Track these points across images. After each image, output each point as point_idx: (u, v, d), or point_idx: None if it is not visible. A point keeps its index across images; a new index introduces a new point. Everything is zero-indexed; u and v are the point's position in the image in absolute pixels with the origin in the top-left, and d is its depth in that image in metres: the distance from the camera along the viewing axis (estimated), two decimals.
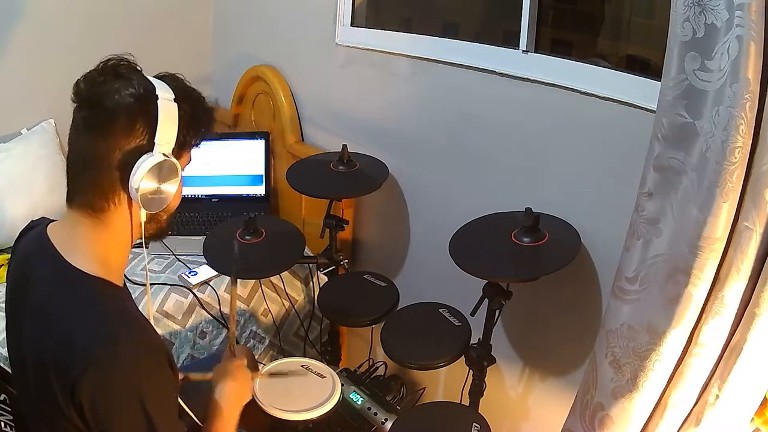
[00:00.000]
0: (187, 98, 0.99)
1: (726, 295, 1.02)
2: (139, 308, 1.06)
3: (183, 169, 1.03)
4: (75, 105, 0.94)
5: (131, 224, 0.99)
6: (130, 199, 0.96)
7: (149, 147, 0.93)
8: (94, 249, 0.96)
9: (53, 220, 1.04)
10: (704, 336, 1.06)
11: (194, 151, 1.04)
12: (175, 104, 0.95)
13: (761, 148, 0.95)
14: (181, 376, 1.23)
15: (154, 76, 0.98)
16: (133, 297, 1.76)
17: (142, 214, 0.97)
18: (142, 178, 0.92)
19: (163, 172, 0.95)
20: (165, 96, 0.94)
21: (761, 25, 0.90)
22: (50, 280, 0.96)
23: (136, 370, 0.89)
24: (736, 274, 1.01)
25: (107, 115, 0.91)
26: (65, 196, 0.99)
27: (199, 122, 1.02)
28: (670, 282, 1.07)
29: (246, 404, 1.25)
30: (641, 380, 1.14)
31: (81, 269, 0.94)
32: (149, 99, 0.93)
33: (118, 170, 0.93)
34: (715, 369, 1.08)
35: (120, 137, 0.92)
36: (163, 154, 0.94)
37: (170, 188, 0.98)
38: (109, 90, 0.92)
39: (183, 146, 0.99)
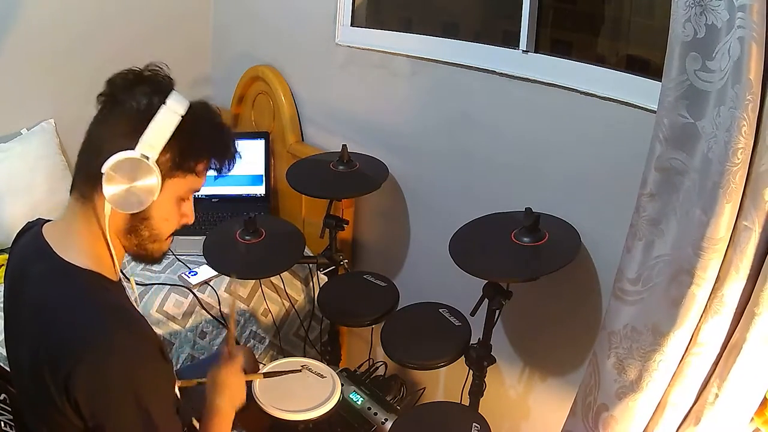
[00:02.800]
0: (200, 119, 0.98)
1: (726, 294, 1.02)
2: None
3: (187, 197, 1.02)
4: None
5: (100, 217, 0.96)
6: None
7: (133, 145, 0.92)
8: (86, 242, 0.97)
9: (49, 221, 1.05)
10: (704, 335, 1.06)
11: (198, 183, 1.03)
12: (179, 117, 0.95)
13: (761, 148, 0.95)
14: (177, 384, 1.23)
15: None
16: (134, 297, 1.78)
17: (107, 207, 0.94)
18: (109, 166, 0.91)
19: (134, 170, 0.92)
20: (173, 107, 0.94)
21: (763, 27, 0.90)
22: (44, 276, 0.96)
23: (129, 362, 0.89)
24: (735, 273, 1.01)
25: (114, 104, 0.94)
26: (66, 194, 0.99)
27: (203, 144, 1.00)
28: (674, 283, 1.07)
29: (246, 404, 1.25)
30: (645, 380, 1.14)
31: (73, 263, 0.95)
32: (156, 105, 0.94)
33: (104, 158, 0.92)
34: (715, 368, 1.08)
35: (116, 126, 0.93)
36: (142, 155, 0.92)
37: (143, 193, 0.94)
38: (128, 86, 0.95)
39: (180, 165, 0.97)
